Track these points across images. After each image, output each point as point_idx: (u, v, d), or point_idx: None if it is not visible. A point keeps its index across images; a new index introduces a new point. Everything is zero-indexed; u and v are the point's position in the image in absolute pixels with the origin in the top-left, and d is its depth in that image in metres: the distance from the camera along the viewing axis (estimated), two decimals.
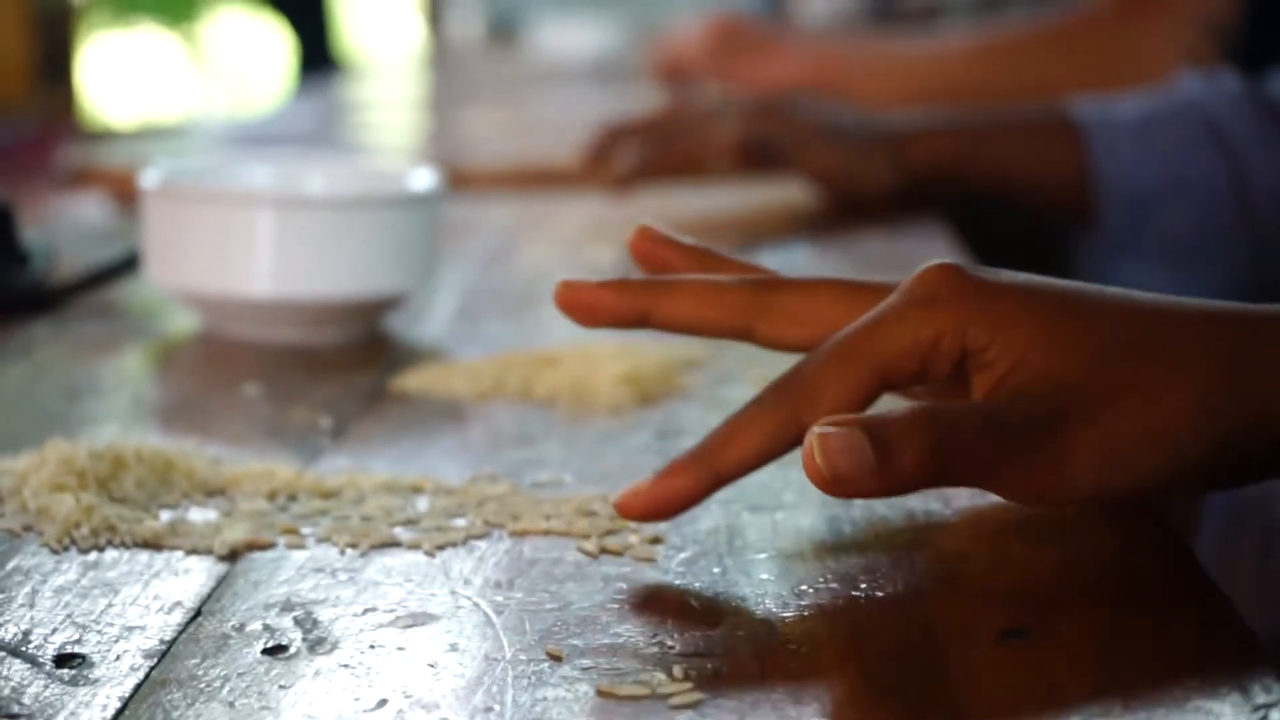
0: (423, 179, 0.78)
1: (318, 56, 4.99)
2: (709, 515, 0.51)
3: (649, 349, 0.70)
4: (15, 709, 0.38)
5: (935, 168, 1.02)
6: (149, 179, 0.76)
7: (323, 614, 0.43)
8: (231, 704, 0.38)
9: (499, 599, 0.45)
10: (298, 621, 0.43)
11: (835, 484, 0.43)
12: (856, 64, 1.58)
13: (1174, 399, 0.45)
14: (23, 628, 0.42)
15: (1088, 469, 0.45)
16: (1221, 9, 1.40)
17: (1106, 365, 0.45)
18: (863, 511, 0.51)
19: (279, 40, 5.17)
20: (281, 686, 0.39)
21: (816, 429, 0.43)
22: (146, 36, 8.08)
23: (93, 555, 0.48)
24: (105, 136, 1.77)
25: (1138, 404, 0.45)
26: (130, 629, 0.42)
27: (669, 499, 0.46)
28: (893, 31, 1.94)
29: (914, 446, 0.43)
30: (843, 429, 0.43)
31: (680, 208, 1.06)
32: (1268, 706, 0.38)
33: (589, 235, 1.02)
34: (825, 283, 0.50)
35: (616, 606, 0.44)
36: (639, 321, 0.50)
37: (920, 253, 0.94)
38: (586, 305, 0.50)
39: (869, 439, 0.43)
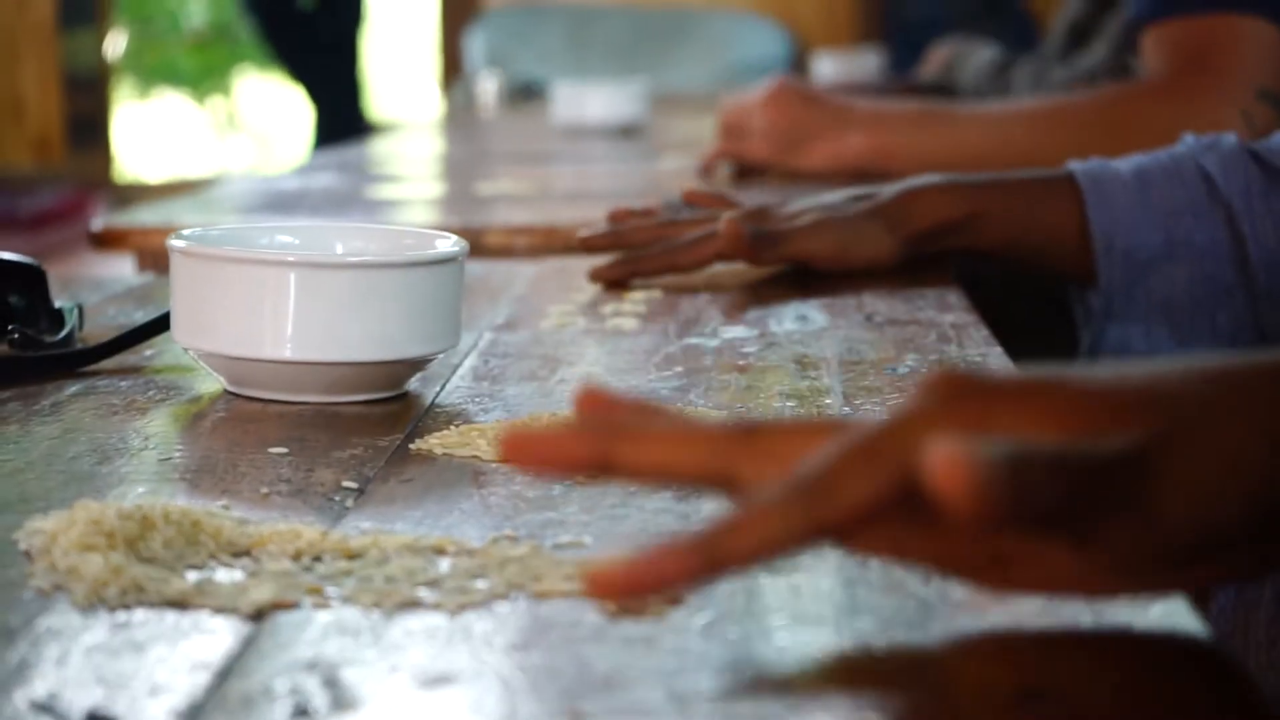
0: (446, 243, 0.79)
1: (342, 119, 5.03)
2: (728, 578, 0.51)
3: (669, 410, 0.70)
4: None
5: (937, 229, 1.03)
6: (176, 241, 0.77)
7: (347, 675, 0.44)
8: None
9: (520, 660, 0.45)
10: (323, 683, 0.44)
11: (965, 509, 0.40)
12: (915, 140, 1.59)
13: (1202, 460, 0.44)
14: (52, 687, 0.43)
15: (1178, 505, 0.43)
16: (1278, 75, 1.41)
17: (1140, 439, 0.44)
18: (879, 574, 0.52)
19: (302, 105, 5.21)
20: None
21: (939, 446, 0.40)
22: (176, 101, 8.15)
23: (121, 615, 0.48)
24: (137, 198, 1.79)
25: (1207, 436, 0.44)
26: (158, 689, 0.43)
27: (654, 583, 0.43)
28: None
29: (1047, 471, 0.42)
30: (969, 447, 0.40)
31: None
32: None
33: (609, 297, 1.03)
34: (804, 423, 0.47)
35: (636, 669, 0.45)
36: (599, 468, 0.46)
37: (935, 307, 0.95)
38: (538, 456, 0.46)
39: (1003, 460, 0.40)
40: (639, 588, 0.43)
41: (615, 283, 1.05)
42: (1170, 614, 0.49)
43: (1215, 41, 1.51)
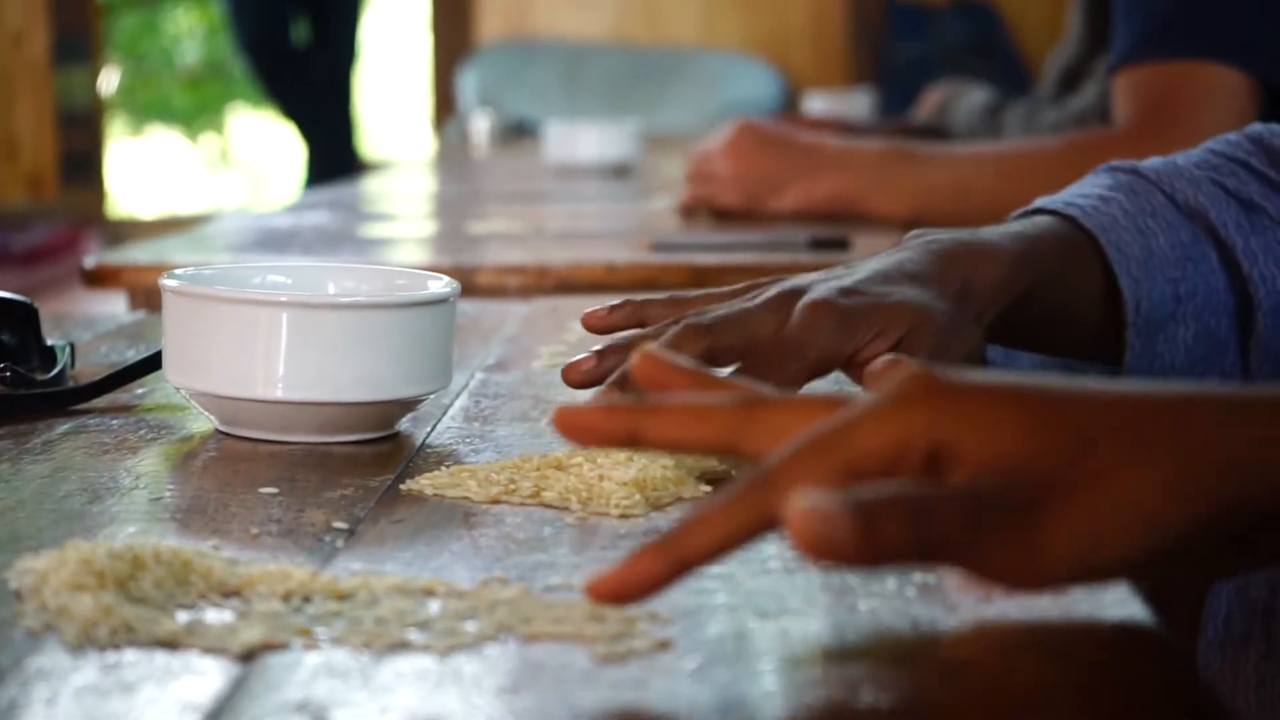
0: (438, 283, 0.80)
1: (334, 157, 5.04)
2: (716, 621, 0.52)
3: (659, 455, 0.71)
4: None
5: (1001, 307, 0.86)
6: (169, 280, 0.77)
7: (337, 717, 0.44)
8: None
9: (510, 703, 0.45)
10: None
11: (817, 551, 0.45)
12: (883, 181, 1.60)
13: (1146, 482, 0.47)
14: None
15: (1065, 552, 0.47)
16: (1244, 122, 1.41)
17: (1079, 451, 0.47)
18: (868, 619, 0.52)
19: (295, 142, 5.22)
20: None
21: (799, 499, 0.45)
22: (169, 138, 8.16)
23: (111, 655, 0.48)
24: (130, 234, 1.80)
25: (1111, 487, 0.47)
26: None
27: (636, 583, 0.48)
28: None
29: (895, 518, 0.45)
30: (824, 499, 0.45)
31: None
32: None
33: (600, 338, 1.03)
34: (807, 400, 0.53)
35: (626, 712, 0.45)
36: (630, 441, 0.53)
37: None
38: (582, 427, 0.53)
39: (850, 510, 0.45)
40: (628, 588, 0.48)
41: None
42: (1160, 658, 0.49)
43: (1180, 89, 1.52)
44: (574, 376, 0.78)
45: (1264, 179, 0.92)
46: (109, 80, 6.67)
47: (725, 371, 0.74)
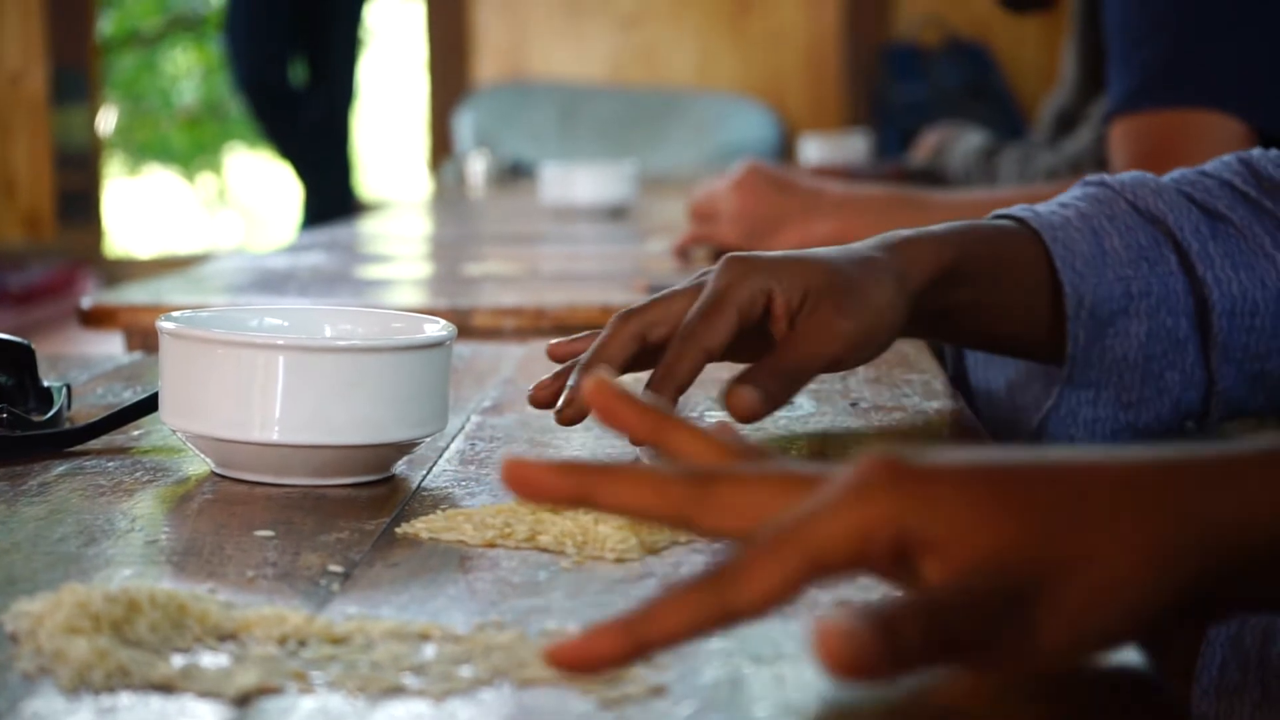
0: (434, 327, 0.80)
1: (331, 198, 5.05)
2: (711, 667, 0.52)
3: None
4: None
5: (930, 283, 0.89)
6: (166, 323, 0.77)
7: None
8: None
9: None
10: None
11: (851, 671, 0.44)
12: (883, 226, 1.60)
13: (1128, 558, 0.47)
14: None
15: (1058, 636, 0.46)
16: None
17: (1057, 532, 0.47)
18: None
19: (291, 183, 5.23)
20: None
21: (818, 622, 0.44)
22: (167, 177, 8.18)
23: (106, 699, 0.49)
24: (126, 273, 1.80)
25: (1094, 567, 0.47)
26: None
27: (594, 658, 0.47)
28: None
29: (914, 626, 0.45)
30: (845, 617, 0.44)
31: None
32: None
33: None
34: (766, 475, 0.51)
35: None
36: (579, 503, 0.51)
37: (920, 394, 0.95)
38: (531, 483, 0.51)
39: (872, 624, 0.44)
40: (582, 664, 0.47)
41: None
42: (1155, 708, 0.49)
43: (1175, 137, 1.52)
44: (539, 395, 0.83)
45: (1242, 196, 0.94)
46: (107, 120, 6.69)
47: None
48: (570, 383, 0.82)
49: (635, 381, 0.84)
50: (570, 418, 0.81)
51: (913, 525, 0.47)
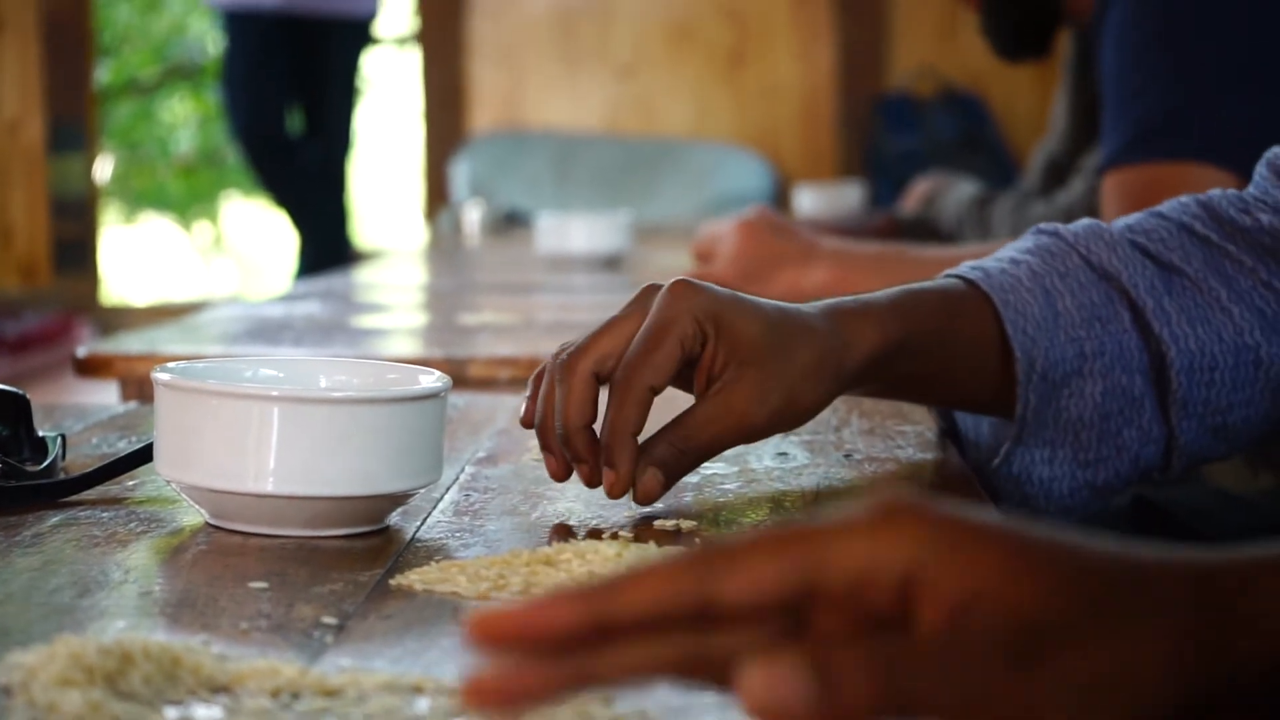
0: (429, 378, 0.80)
1: (327, 246, 5.06)
2: None
3: (649, 551, 0.71)
4: None
5: (869, 365, 0.89)
6: (161, 374, 0.77)
7: None
8: None
9: None
10: None
11: (768, 716, 0.40)
12: (876, 279, 1.61)
13: (1144, 648, 0.44)
14: None
15: (1056, 709, 0.43)
16: None
17: (1073, 602, 0.44)
18: None
19: (287, 231, 5.25)
20: None
21: (750, 658, 0.41)
22: (163, 225, 8.20)
23: None
24: (122, 321, 1.80)
25: (1107, 647, 0.44)
26: None
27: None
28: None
29: (863, 676, 0.41)
30: (778, 656, 0.41)
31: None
32: None
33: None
34: (776, 533, 0.45)
35: None
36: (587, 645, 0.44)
37: (915, 445, 0.95)
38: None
39: (810, 667, 0.41)
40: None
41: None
42: None
43: (1169, 190, 1.53)
44: (558, 472, 0.83)
45: (1200, 241, 0.94)
46: (103, 168, 6.71)
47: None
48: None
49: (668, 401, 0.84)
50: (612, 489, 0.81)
51: (921, 568, 0.43)
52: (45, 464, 0.86)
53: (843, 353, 0.84)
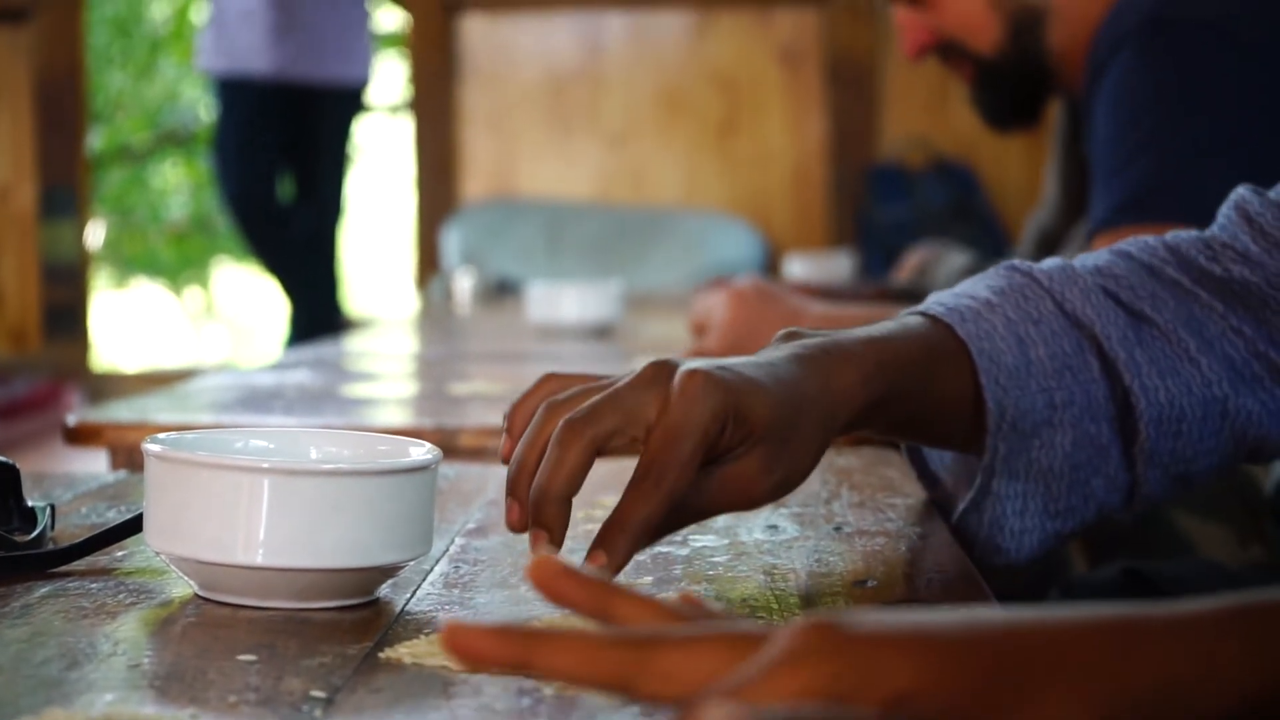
0: (420, 450, 0.80)
1: (318, 314, 5.07)
2: None
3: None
4: None
5: (853, 420, 0.90)
6: (151, 445, 0.78)
7: None
8: None
9: None
10: None
11: None
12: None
13: (1067, 717, 0.46)
14: None
15: None
16: None
17: (994, 687, 0.46)
18: None
19: (278, 298, 5.25)
20: None
21: (702, 710, 0.43)
22: (154, 291, 8.21)
23: None
24: (112, 387, 1.80)
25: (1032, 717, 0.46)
26: None
27: (473, 654, 0.50)
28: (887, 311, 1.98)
29: None
30: (729, 707, 0.43)
31: None
32: None
33: (579, 502, 1.03)
34: (706, 638, 0.50)
35: None
36: (520, 669, 0.50)
37: (904, 518, 0.96)
38: (470, 651, 0.50)
39: None
40: (463, 647, 0.49)
41: None
42: None
43: None
44: (515, 523, 0.80)
45: (1171, 284, 0.95)
46: (95, 233, 6.72)
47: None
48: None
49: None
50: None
51: (849, 690, 0.46)
52: (34, 534, 0.86)
53: (832, 410, 0.84)
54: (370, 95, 5.40)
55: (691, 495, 0.80)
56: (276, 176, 5.10)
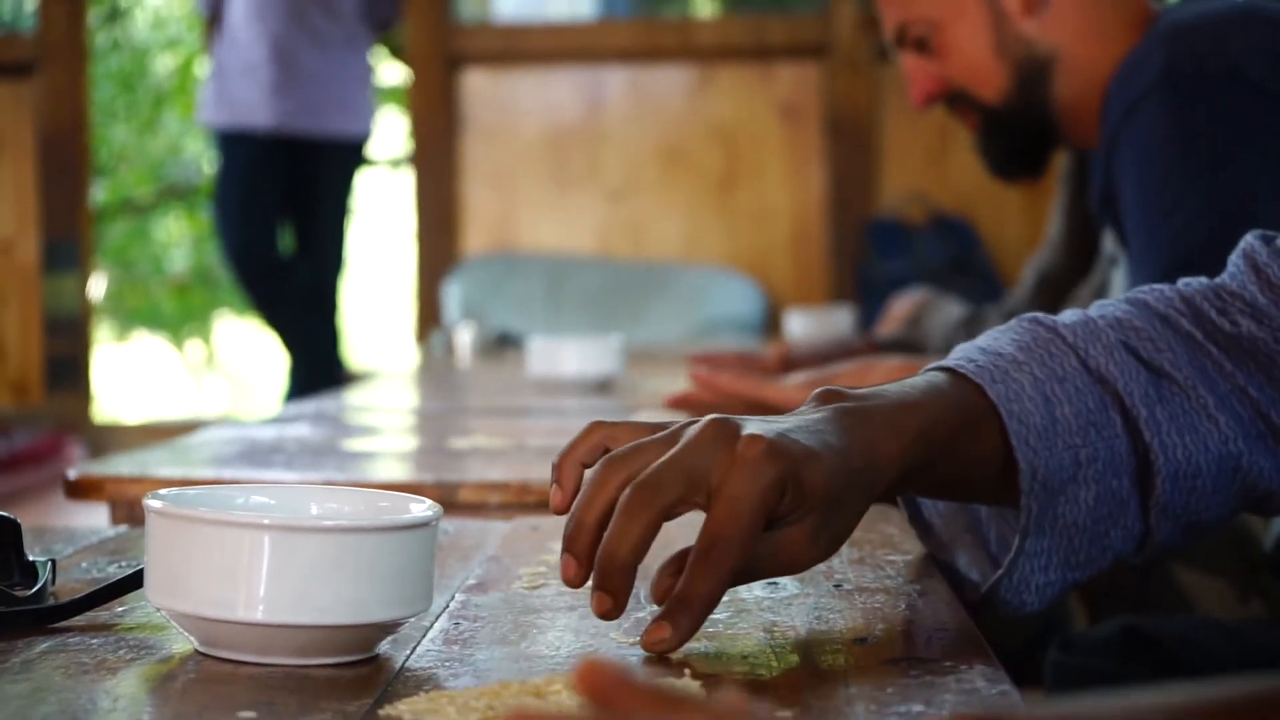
0: (420, 506, 0.81)
1: (318, 367, 5.08)
2: None
3: None
4: None
5: (893, 485, 0.92)
6: (152, 501, 0.78)
7: None
8: None
9: None
10: None
11: None
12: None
13: None
14: None
15: None
16: None
17: None
18: None
19: (278, 351, 5.26)
20: None
21: None
22: (155, 343, 8.22)
23: None
24: (114, 439, 1.79)
25: None
26: None
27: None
28: None
29: None
30: None
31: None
32: None
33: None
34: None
35: None
36: None
37: (903, 574, 0.96)
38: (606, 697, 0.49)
39: None
40: None
41: None
42: None
43: None
44: (574, 579, 0.81)
45: (1185, 338, 0.96)
46: (97, 286, 6.74)
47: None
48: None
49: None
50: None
51: None
52: (35, 589, 0.86)
53: (874, 480, 0.86)
54: (371, 149, 5.42)
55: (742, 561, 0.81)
56: (277, 230, 5.11)
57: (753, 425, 0.82)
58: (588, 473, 0.84)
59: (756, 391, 1.65)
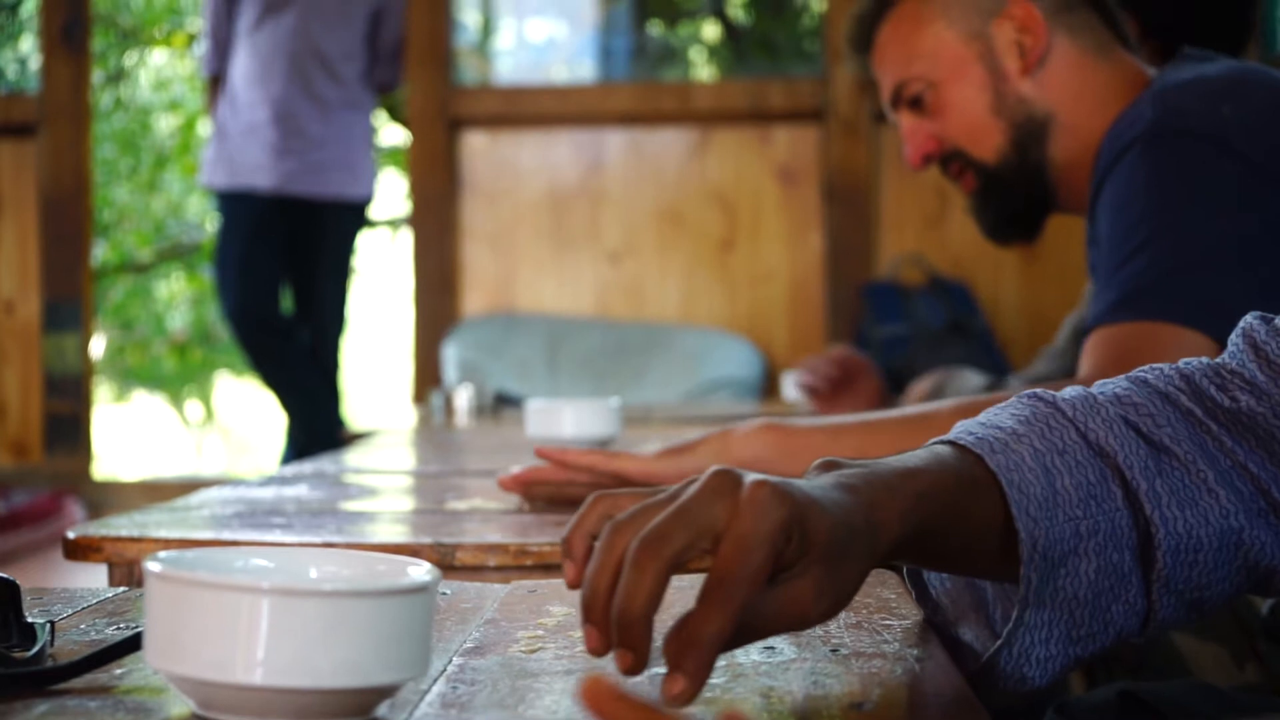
0: (419, 570, 0.81)
1: (317, 427, 5.08)
2: None
3: None
4: None
5: (891, 552, 0.93)
6: (152, 564, 0.78)
7: None
8: None
9: None
10: None
11: None
12: (809, 443, 1.60)
13: None
14: None
15: None
16: None
17: None
18: None
19: (277, 410, 5.26)
20: None
21: None
22: (155, 402, 8.23)
23: None
24: (113, 497, 1.80)
25: None
26: None
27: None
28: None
29: None
30: None
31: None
32: None
33: (578, 623, 1.03)
34: None
35: None
36: None
37: (900, 639, 0.96)
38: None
39: None
40: None
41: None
42: None
43: (1143, 346, 1.57)
44: (598, 649, 0.81)
45: (1184, 414, 0.97)
46: (97, 345, 6.75)
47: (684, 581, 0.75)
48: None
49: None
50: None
51: None
52: (34, 651, 0.86)
53: (875, 542, 0.86)
54: (372, 210, 5.45)
55: (749, 615, 0.80)
56: (278, 290, 5.13)
57: (757, 475, 0.82)
58: (597, 543, 0.84)
59: (608, 464, 1.64)
